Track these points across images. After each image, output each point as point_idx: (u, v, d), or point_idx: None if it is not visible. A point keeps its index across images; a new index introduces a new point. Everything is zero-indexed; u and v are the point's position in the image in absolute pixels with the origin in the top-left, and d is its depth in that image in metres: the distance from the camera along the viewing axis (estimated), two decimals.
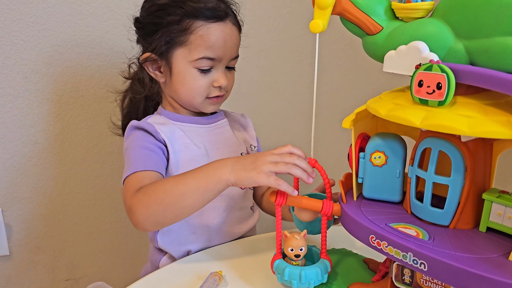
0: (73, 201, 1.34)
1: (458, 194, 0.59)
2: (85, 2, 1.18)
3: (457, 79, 0.54)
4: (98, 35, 1.21)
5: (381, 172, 0.67)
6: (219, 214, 0.94)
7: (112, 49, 1.23)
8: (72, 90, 1.24)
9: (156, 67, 0.94)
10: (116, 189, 1.37)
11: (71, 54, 1.21)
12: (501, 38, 0.54)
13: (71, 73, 1.22)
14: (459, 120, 0.52)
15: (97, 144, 1.31)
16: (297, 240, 0.73)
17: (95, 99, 1.26)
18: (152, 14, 0.91)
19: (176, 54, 0.90)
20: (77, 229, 1.36)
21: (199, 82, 0.91)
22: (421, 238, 0.58)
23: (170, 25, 0.88)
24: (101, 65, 1.23)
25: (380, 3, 0.66)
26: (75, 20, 1.19)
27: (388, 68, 0.62)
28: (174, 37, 0.89)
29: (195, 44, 0.88)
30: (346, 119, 0.67)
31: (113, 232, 1.41)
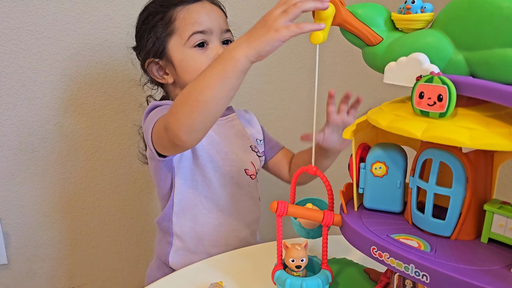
0: (72, 209, 1.33)
1: (459, 205, 0.59)
2: (84, 11, 1.18)
3: (458, 91, 0.54)
4: (98, 43, 1.22)
5: (382, 183, 0.67)
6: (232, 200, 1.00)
7: (112, 57, 1.23)
8: (71, 98, 1.24)
9: (161, 71, 0.99)
10: (115, 196, 1.37)
11: (70, 62, 1.21)
12: (502, 49, 0.55)
13: (70, 81, 1.22)
14: (461, 132, 0.52)
15: (96, 151, 1.31)
16: (298, 251, 0.72)
17: (94, 107, 1.27)
18: (142, 25, 0.98)
19: (171, 46, 0.95)
20: (75, 237, 1.36)
21: (201, 60, 0.93)
22: (423, 250, 0.58)
23: (157, 24, 0.95)
24: (100, 73, 1.24)
25: (380, 14, 0.67)
26: (74, 29, 1.19)
27: (389, 80, 0.62)
28: (162, 32, 0.94)
29: (182, 26, 0.93)
30: (346, 130, 0.67)
31: (112, 240, 1.41)
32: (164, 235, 1.02)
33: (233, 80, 0.69)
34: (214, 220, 0.99)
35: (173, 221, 0.98)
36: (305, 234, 0.78)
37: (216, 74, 0.70)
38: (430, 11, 0.62)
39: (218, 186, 0.97)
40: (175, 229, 0.99)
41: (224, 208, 0.99)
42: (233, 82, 0.70)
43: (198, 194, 0.97)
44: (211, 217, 0.98)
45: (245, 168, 1.01)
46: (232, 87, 0.71)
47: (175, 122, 0.73)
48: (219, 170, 0.97)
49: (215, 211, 0.99)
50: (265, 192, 1.07)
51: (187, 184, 0.96)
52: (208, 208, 0.98)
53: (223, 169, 0.97)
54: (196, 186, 0.97)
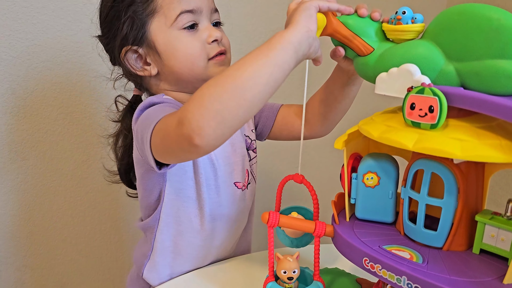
0: (62, 218, 1.33)
1: (451, 216, 0.59)
2: (74, 18, 1.18)
3: (449, 102, 0.54)
4: (88, 51, 1.21)
5: (374, 193, 0.67)
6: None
7: (102, 64, 1.22)
8: (62, 106, 1.23)
9: (142, 61, 0.84)
10: (105, 205, 1.37)
11: (60, 70, 1.21)
12: (492, 61, 0.55)
13: (61, 88, 1.22)
14: (452, 144, 0.52)
15: (86, 160, 1.30)
16: (290, 262, 0.72)
17: (85, 115, 1.26)
18: (112, 8, 0.82)
19: (153, 28, 0.81)
20: (65, 246, 1.35)
21: (192, 43, 0.81)
22: (415, 261, 0.58)
23: (132, 3, 0.80)
24: (91, 80, 1.23)
25: (371, 25, 0.67)
26: (65, 36, 1.19)
27: (380, 90, 0.62)
28: (141, 11, 0.80)
29: (166, 3, 0.80)
30: (338, 140, 0.67)
31: (103, 249, 1.40)
32: (143, 245, 0.93)
33: (281, 53, 0.61)
34: (198, 241, 0.89)
35: (156, 236, 0.88)
36: (289, 243, 0.78)
37: (260, 48, 0.61)
38: (420, 22, 0.63)
39: (210, 203, 0.87)
40: (157, 244, 0.89)
41: (212, 229, 0.90)
42: (281, 56, 0.61)
43: (187, 212, 0.87)
44: (197, 237, 0.89)
45: (235, 182, 0.91)
46: (280, 63, 0.61)
47: (197, 109, 0.59)
48: (214, 186, 0.87)
49: (203, 231, 0.89)
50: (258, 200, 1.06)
51: (178, 200, 0.86)
52: (196, 228, 0.88)
53: (218, 184, 0.87)
54: (187, 203, 0.86)
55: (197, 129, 0.59)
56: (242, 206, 0.94)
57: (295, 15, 0.65)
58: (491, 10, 0.55)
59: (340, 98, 0.88)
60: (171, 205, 0.86)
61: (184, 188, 0.85)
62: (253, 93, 0.59)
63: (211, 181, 0.87)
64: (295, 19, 0.64)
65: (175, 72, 0.83)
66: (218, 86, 0.59)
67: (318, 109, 0.93)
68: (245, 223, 0.99)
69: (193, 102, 0.60)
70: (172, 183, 0.85)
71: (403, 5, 0.64)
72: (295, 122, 0.96)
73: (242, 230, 0.99)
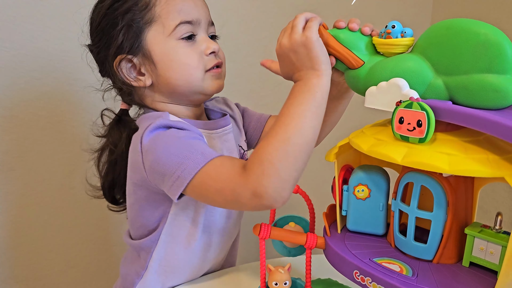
0: (49, 229, 1.33)
1: (440, 229, 0.61)
2: (62, 27, 1.19)
3: (437, 116, 0.56)
4: (76, 60, 1.21)
5: (365, 205, 0.69)
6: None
7: (90, 74, 1.23)
8: (49, 116, 1.24)
9: (136, 72, 0.83)
10: (93, 216, 1.37)
11: (47, 79, 1.21)
12: (479, 75, 0.57)
13: (48, 98, 1.22)
14: (440, 158, 0.54)
15: (74, 169, 1.31)
16: (281, 274, 0.74)
17: (73, 125, 1.27)
18: (106, 15, 0.82)
19: (150, 37, 0.81)
20: (53, 258, 1.35)
21: (189, 54, 0.81)
22: (405, 274, 0.59)
23: (129, 11, 0.80)
24: (79, 90, 1.24)
25: (362, 38, 0.69)
26: (52, 45, 1.19)
27: (370, 104, 0.64)
28: (138, 20, 0.80)
29: (165, 13, 0.80)
30: (329, 152, 0.69)
31: (91, 260, 1.41)
32: (135, 262, 0.91)
33: (324, 106, 0.69)
34: (193, 259, 0.89)
35: (153, 255, 0.87)
36: (287, 253, 0.80)
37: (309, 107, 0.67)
38: (410, 36, 0.65)
39: (207, 220, 0.87)
40: (152, 263, 0.87)
41: (206, 246, 0.89)
42: (324, 108, 0.69)
43: (184, 231, 0.86)
44: (191, 256, 0.89)
45: None
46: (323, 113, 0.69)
47: (277, 184, 0.63)
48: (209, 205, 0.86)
49: (198, 250, 0.89)
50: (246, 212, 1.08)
51: (178, 220, 0.85)
52: (193, 247, 0.87)
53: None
54: (183, 224, 0.85)
55: (279, 198, 0.64)
56: (235, 218, 0.95)
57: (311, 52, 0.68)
58: (479, 25, 0.57)
59: (329, 111, 0.88)
60: (173, 225, 0.86)
61: (186, 207, 0.84)
62: (312, 146, 0.67)
63: None
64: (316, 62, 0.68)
65: (170, 83, 0.82)
66: (291, 158, 0.64)
67: None
68: (236, 234, 1.01)
69: (269, 177, 0.63)
70: (177, 204, 0.83)
71: (388, 19, 0.67)
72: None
73: (233, 241, 1.00)
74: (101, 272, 1.43)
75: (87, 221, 1.37)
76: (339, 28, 0.71)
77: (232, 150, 0.92)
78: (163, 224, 0.85)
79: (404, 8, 1.68)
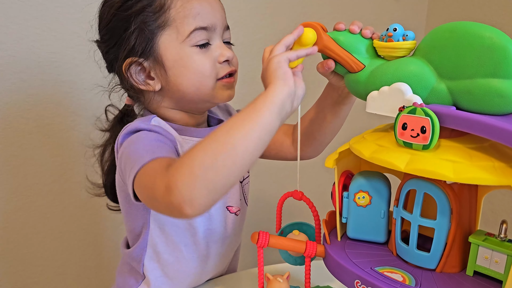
0: (38, 235, 1.31)
1: (444, 237, 0.61)
2: (50, 28, 1.18)
3: (441, 122, 0.56)
4: (65, 62, 1.21)
5: (366, 213, 0.69)
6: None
7: (79, 75, 1.23)
8: (37, 119, 1.22)
9: (144, 75, 0.82)
10: (83, 221, 1.36)
11: (35, 81, 1.20)
12: (484, 79, 0.57)
13: (36, 100, 1.21)
14: (444, 165, 0.54)
15: (63, 174, 1.30)
16: (279, 283, 0.73)
17: (61, 128, 1.25)
18: (117, 13, 0.79)
19: (163, 42, 0.79)
20: (42, 264, 1.34)
21: (202, 61, 0.79)
22: (408, 284, 0.59)
23: (142, 11, 0.78)
24: (68, 92, 1.23)
25: (362, 41, 0.69)
26: (39, 46, 1.18)
27: (371, 109, 0.63)
28: (152, 22, 0.78)
29: (180, 17, 0.78)
30: (328, 158, 0.68)
31: (81, 267, 1.39)
32: (130, 271, 0.91)
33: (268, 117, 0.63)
34: (191, 269, 0.89)
35: (145, 264, 0.87)
36: (293, 261, 0.79)
37: (247, 111, 0.63)
38: (412, 39, 0.65)
39: (202, 231, 0.86)
40: (147, 273, 0.87)
41: (205, 256, 0.89)
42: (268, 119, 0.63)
43: (177, 242, 0.86)
44: (189, 266, 0.88)
45: (228, 206, 0.89)
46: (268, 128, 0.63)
47: (188, 177, 0.59)
48: (205, 214, 0.85)
49: (195, 260, 0.88)
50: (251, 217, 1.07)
51: (165, 229, 0.85)
52: (188, 257, 0.87)
53: (209, 212, 0.86)
54: (176, 232, 0.85)
55: (188, 199, 0.59)
56: (236, 229, 0.94)
57: (270, 73, 0.66)
58: (483, 28, 0.57)
59: (330, 117, 0.89)
60: (159, 233, 0.85)
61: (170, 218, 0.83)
62: (244, 158, 0.61)
63: None
64: (272, 78, 0.65)
65: (180, 90, 0.81)
66: (209, 154, 0.60)
67: (307, 129, 0.94)
68: (238, 243, 1.00)
69: (183, 169, 0.60)
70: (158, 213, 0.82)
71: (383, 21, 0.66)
72: (284, 142, 0.98)
73: (235, 250, 1.00)
74: (92, 278, 1.42)
75: (78, 226, 1.36)
76: (339, 30, 0.70)
77: None
78: (146, 230, 0.84)
79: (399, 10, 1.69)
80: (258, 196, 1.48)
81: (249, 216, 1.23)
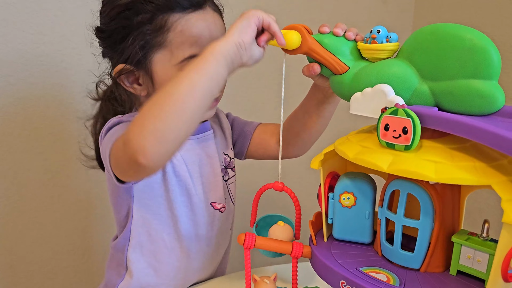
0: (27, 240, 1.32)
1: (427, 237, 0.62)
2: (38, 31, 1.19)
3: (422, 123, 0.57)
4: (53, 65, 1.22)
5: (351, 213, 0.70)
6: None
7: (69, 78, 1.24)
8: (25, 122, 1.23)
9: (133, 79, 0.85)
10: (73, 224, 1.37)
11: (23, 84, 1.20)
12: (465, 80, 0.59)
13: (24, 104, 1.22)
14: (426, 166, 0.55)
15: (52, 177, 1.30)
16: (266, 285, 0.74)
17: (50, 131, 1.26)
18: (116, 18, 0.81)
19: (156, 59, 0.81)
20: (31, 269, 1.35)
21: None
22: (392, 284, 0.60)
23: (142, 25, 0.80)
24: (57, 95, 1.24)
25: (346, 44, 0.70)
26: (27, 49, 1.19)
27: (355, 110, 0.65)
28: (148, 39, 0.80)
29: (177, 42, 0.80)
30: (314, 160, 0.69)
31: (72, 271, 1.40)
32: (116, 265, 0.94)
33: (212, 64, 0.66)
34: (174, 261, 0.92)
35: (128, 255, 0.90)
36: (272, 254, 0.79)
37: (192, 63, 0.66)
38: (395, 41, 0.66)
39: (185, 223, 0.90)
40: (130, 264, 0.90)
41: (188, 249, 0.92)
42: (212, 67, 0.66)
43: (160, 231, 0.89)
44: (172, 257, 0.91)
45: (212, 202, 0.93)
46: (212, 75, 0.66)
47: (138, 128, 0.64)
48: (189, 205, 0.90)
49: (178, 251, 0.91)
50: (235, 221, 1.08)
51: (148, 218, 0.89)
52: (170, 247, 0.90)
53: (192, 204, 0.90)
54: (159, 221, 0.89)
55: (139, 148, 0.63)
56: (221, 227, 0.96)
57: (234, 24, 0.69)
58: (464, 30, 0.59)
59: (315, 117, 0.92)
60: (141, 223, 0.89)
61: (153, 205, 0.88)
62: (191, 106, 0.64)
63: (184, 198, 0.89)
64: (231, 29, 0.68)
65: None
66: (157, 104, 0.64)
67: (293, 128, 0.96)
68: (226, 244, 1.02)
69: (134, 122, 0.65)
70: (140, 200, 0.87)
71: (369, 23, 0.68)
72: (271, 141, 1.00)
73: (223, 251, 1.02)
74: (82, 283, 1.43)
75: (67, 230, 1.37)
76: (323, 33, 0.72)
77: (213, 156, 0.94)
78: (130, 220, 0.88)
79: (386, 12, 1.71)
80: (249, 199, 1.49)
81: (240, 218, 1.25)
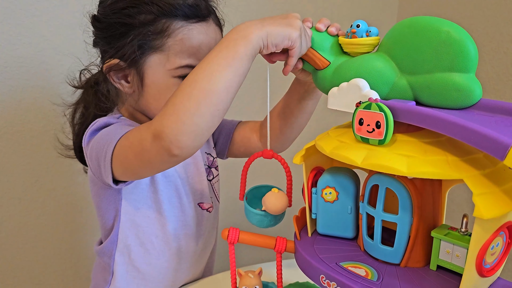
0: (11, 246, 1.35)
1: (407, 232, 0.66)
2: (16, 32, 1.22)
3: (396, 117, 0.61)
4: (33, 66, 1.25)
5: (333, 208, 0.74)
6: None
7: (49, 80, 1.27)
8: (6, 126, 1.27)
9: (122, 75, 0.89)
10: (59, 229, 1.40)
11: (3, 87, 1.24)
12: (441, 74, 0.63)
13: (4, 107, 1.25)
14: (398, 160, 0.59)
15: (36, 181, 1.33)
16: (250, 279, 0.79)
17: (32, 134, 1.29)
18: (119, 13, 0.84)
19: (150, 62, 0.85)
20: (16, 274, 1.38)
21: None
22: (370, 279, 0.64)
23: (143, 26, 0.83)
24: (38, 97, 1.27)
25: (328, 39, 0.75)
26: (6, 51, 1.22)
27: (332, 105, 0.69)
28: (147, 40, 0.83)
29: (175, 49, 0.84)
30: (296, 155, 0.73)
31: (58, 276, 1.43)
32: (102, 270, 0.99)
33: (244, 62, 0.69)
34: (163, 263, 0.96)
35: (116, 259, 0.94)
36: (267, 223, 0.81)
37: (225, 57, 0.69)
38: (375, 35, 0.71)
39: (173, 224, 0.95)
40: (117, 267, 0.95)
41: (176, 251, 0.97)
42: (244, 65, 0.70)
43: (148, 233, 0.94)
44: (160, 259, 0.96)
45: (199, 202, 0.99)
46: (243, 72, 0.70)
47: (175, 124, 0.68)
48: (179, 205, 0.95)
49: (166, 253, 0.96)
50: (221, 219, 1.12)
51: (136, 220, 0.93)
52: (159, 249, 0.95)
53: (182, 204, 0.95)
54: (147, 223, 0.93)
55: (176, 142, 0.68)
56: (209, 227, 1.01)
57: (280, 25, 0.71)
58: (440, 22, 0.63)
59: (297, 112, 0.97)
60: (129, 225, 0.93)
61: (142, 207, 0.92)
62: (226, 102, 0.70)
63: (174, 198, 0.94)
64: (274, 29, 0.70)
65: (147, 108, 0.89)
66: (193, 100, 0.68)
67: (275, 123, 1.02)
68: (212, 243, 1.07)
69: (168, 116, 0.69)
70: (130, 202, 0.91)
71: (354, 18, 0.72)
72: (251, 137, 1.06)
73: (210, 250, 1.07)
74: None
75: (53, 235, 1.40)
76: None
77: (196, 156, 0.99)
78: (118, 223, 0.92)
79: (370, 6, 1.75)
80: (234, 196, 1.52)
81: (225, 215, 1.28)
